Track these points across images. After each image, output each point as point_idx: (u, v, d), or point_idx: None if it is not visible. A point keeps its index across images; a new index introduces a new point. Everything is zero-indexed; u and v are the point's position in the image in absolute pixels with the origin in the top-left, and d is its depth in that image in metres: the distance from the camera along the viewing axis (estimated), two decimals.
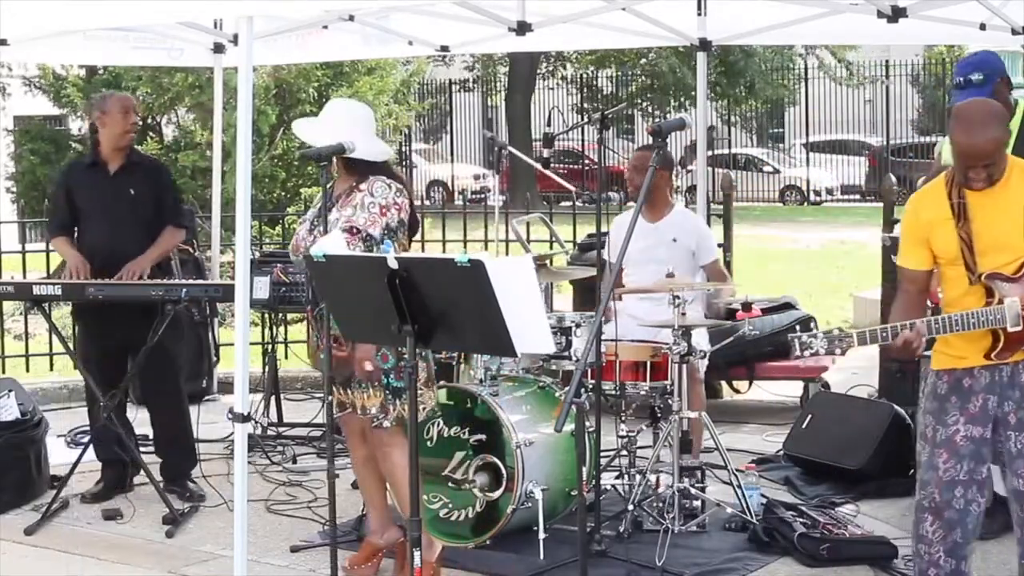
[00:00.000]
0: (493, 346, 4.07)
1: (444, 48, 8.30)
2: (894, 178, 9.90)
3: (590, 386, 5.41)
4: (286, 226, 10.95)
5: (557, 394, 5.71)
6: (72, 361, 6.55)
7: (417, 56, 14.56)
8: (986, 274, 3.91)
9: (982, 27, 6.61)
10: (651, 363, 5.74)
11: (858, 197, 30.14)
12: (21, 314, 9.65)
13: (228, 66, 8.31)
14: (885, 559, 5.20)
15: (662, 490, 5.72)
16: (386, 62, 13.72)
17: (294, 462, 6.93)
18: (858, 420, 6.46)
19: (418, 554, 3.97)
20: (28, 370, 9.31)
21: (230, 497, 5.15)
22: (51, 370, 9.49)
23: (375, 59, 12.84)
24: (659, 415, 5.95)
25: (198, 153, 12.75)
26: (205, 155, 12.13)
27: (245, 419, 4.55)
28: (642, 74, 31.15)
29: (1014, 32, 6.62)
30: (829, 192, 31.00)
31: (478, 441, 5.42)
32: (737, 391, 8.50)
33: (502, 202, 14.96)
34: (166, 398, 6.35)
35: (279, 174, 13.15)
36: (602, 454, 5.73)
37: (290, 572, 5.33)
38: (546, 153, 6.44)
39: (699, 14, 7.26)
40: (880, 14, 6.21)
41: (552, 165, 6.89)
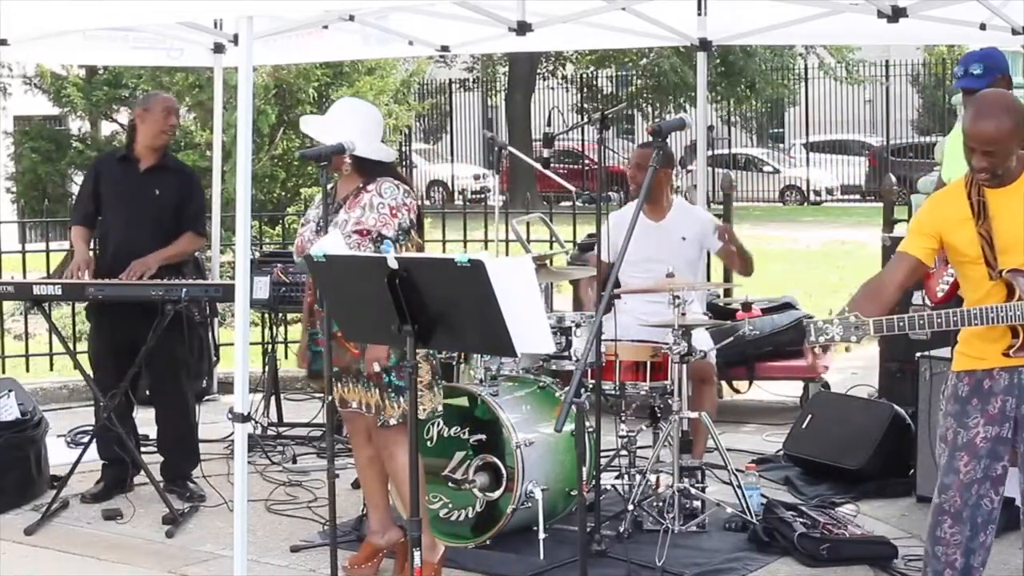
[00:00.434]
0: (493, 346, 4.07)
1: (444, 48, 8.30)
2: (894, 178, 9.91)
3: (590, 386, 5.41)
4: (286, 226, 10.95)
5: (557, 394, 5.71)
6: (72, 361, 6.55)
7: (417, 56, 14.55)
8: (1008, 270, 3.89)
9: (982, 27, 6.61)
10: (651, 363, 5.74)
11: (858, 197, 30.11)
12: (21, 314, 9.65)
13: (228, 66, 8.31)
14: (885, 559, 5.20)
15: (662, 490, 5.73)
16: (386, 62, 13.70)
17: (294, 462, 6.93)
18: (858, 420, 6.46)
19: (418, 554, 3.97)
20: (28, 370, 9.30)
21: (230, 497, 5.14)
22: (51, 370, 9.49)
23: (375, 59, 12.83)
24: (659, 415, 5.95)
25: (198, 153, 12.73)
26: (205, 155, 12.11)
27: (245, 419, 4.56)
28: (642, 74, 31.14)
29: (1014, 32, 6.62)
30: (829, 192, 30.99)
31: (478, 441, 5.42)
32: (737, 391, 8.49)
33: (502, 202, 14.98)
34: (173, 398, 6.37)
35: (279, 174, 13.14)
36: (602, 454, 5.73)
37: (290, 572, 5.33)
38: (546, 153, 6.43)
39: (699, 14, 7.27)
40: (880, 14, 6.21)
41: (552, 165, 6.89)
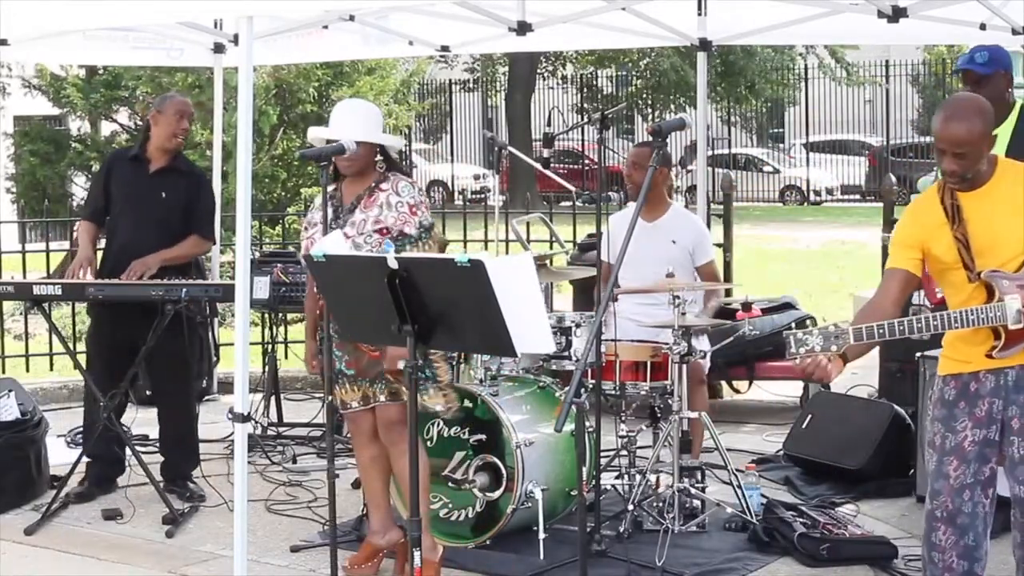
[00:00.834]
0: (493, 346, 4.07)
1: (444, 48, 8.31)
2: (894, 178, 9.92)
3: (590, 386, 5.41)
4: (286, 226, 10.95)
5: (557, 394, 5.71)
6: (72, 361, 6.55)
7: (417, 56, 14.54)
8: (987, 272, 3.91)
9: (982, 27, 6.62)
10: (651, 363, 5.74)
11: (858, 197, 30.13)
12: (21, 314, 9.65)
13: (228, 66, 8.31)
14: (885, 559, 5.20)
15: (662, 490, 5.72)
16: (386, 62, 13.70)
17: (294, 462, 6.93)
18: (858, 420, 6.46)
19: (418, 554, 3.97)
20: (28, 370, 9.31)
21: (230, 497, 5.14)
22: (51, 370, 9.49)
23: (375, 59, 12.83)
24: (659, 415, 5.95)
25: (198, 153, 12.71)
26: (205, 155, 12.09)
27: (245, 419, 4.56)
28: (642, 74, 31.14)
29: (1014, 32, 6.63)
30: (829, 192, 31.00)
31: (478, 441, 5.42)
32: (737, 391, 8.49)
33: (502, 202, 14.97)
34: (174, 398, 6.37)
35: (279, 174, 13.14)
36: (602, 454, 5.73)
37: (290, 572, 5.33)
38: (546, 153, 6.43)
39: (699, 14, 7.27)
40: (880, 14, 6.22)
41: (552, 165, 6.89)
